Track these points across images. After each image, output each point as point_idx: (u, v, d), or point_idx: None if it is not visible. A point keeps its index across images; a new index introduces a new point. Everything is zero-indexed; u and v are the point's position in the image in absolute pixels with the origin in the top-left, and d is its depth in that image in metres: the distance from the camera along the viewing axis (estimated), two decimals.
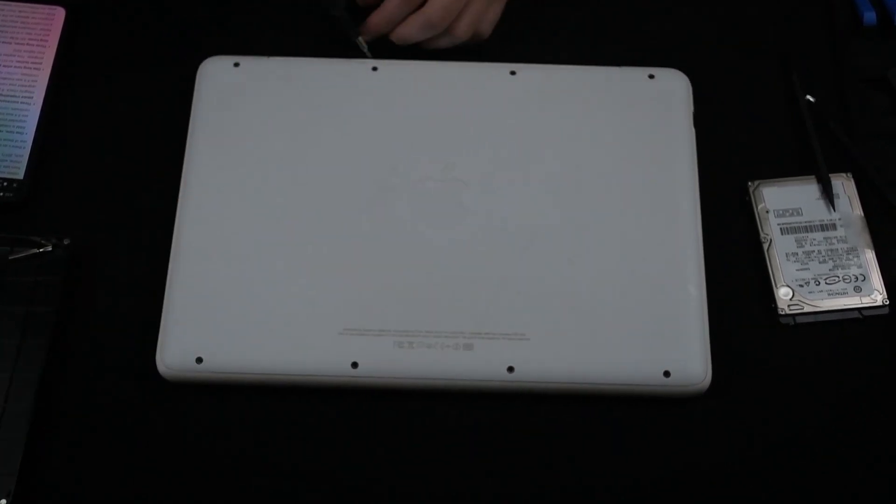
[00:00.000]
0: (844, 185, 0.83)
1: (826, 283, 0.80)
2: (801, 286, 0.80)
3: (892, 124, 0.86)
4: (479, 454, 0.76)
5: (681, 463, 0.76)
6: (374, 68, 0.85)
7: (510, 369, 0.76)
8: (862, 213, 0.82)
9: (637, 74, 0.85)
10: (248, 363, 0.76)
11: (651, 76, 0.85)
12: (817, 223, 0.82)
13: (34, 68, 0.87)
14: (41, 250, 0.80)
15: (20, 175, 0.83)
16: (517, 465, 0.76)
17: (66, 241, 0.80)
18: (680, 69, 0.85)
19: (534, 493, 0.75)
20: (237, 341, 0.77)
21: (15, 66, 0.87)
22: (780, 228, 0.82)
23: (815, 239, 0.82)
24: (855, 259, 0.81)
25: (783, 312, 0.80)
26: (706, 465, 0.76)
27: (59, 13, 0.89)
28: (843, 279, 0.80)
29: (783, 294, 0.80)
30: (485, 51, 0.87)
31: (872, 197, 0.83)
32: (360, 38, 0.85)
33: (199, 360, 0.76)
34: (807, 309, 0.80)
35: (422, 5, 0.84)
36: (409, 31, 0.84)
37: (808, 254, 0.81)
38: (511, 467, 0.76)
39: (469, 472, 0.76)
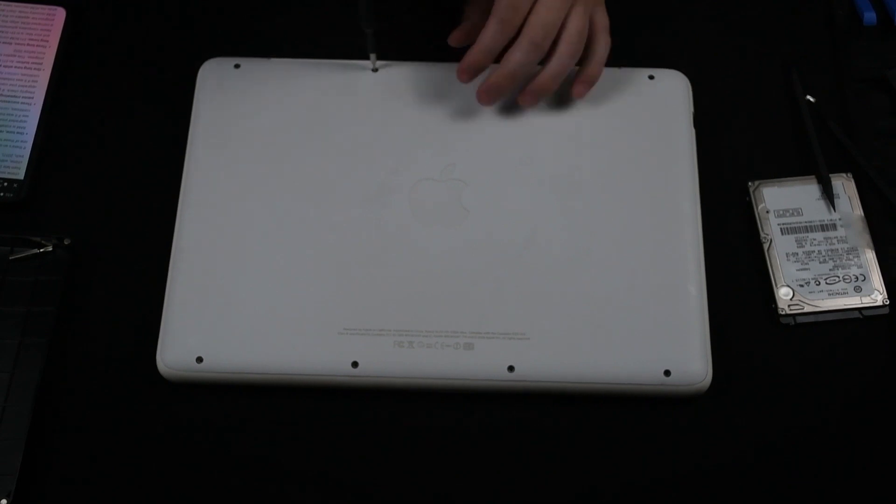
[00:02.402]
0: (844, 185, 0.83)
1: (826, 283, 0.80)
2: (802, 286, 0.80)
3: (892, 124, 0.86)
4: (479, 454, 0.76)
5: (681, 462, 0.76)
6: (375, 69, 0.85)
7: (510, 369, 0.76)
8: (862, 213, 0.82)
9: (637, 75, 0.85)
10: (248, 363, 0.76)
11: (651, 76, 0.85)
12: (817, 223, 0.82)
13: (34, 68, 0.87)
14: (41, 250, 0.80)
15: (20, 175, 0.83)
16: (517, 465, 0.76)
17: (66, 241, 0.81)
18: (680, 69, 0.85)
19: (534, 492, 0.75)
20: (237, 341, 0.77)
21: (15, 66, 0.87)
22: (781, 228, 0.82)
23: (815, 239, 0.82)
24: (855, 259, 0.81)
25: (783, 312, 0.80)
26: (706, 465, 0.76)
27: (59, 13, 0.89)
28: (844, 279, 0.80)
29: (783, 294, 0.80)
30: None
31: (872, 197, 0.83)
32: (374, 56, 0.85)
33: (199, 359, 0.76)
34: (807, 309, 0.80)
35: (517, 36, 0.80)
36: (515, 56, 0.80)
37: (808, 254, 0.81)
38: (511, 467, 0.76)
39: (469, 471, 0.76)
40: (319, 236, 0.80)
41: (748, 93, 0.87)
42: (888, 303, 0.80)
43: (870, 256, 0.81)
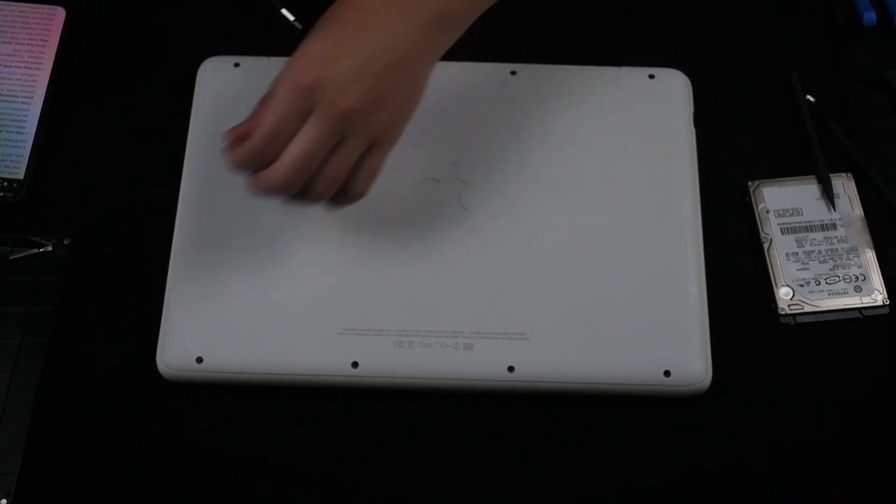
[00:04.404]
0: (844, 185, 0.83)
1: (826, 282, 0.80)
2: (802, 286, 0.80)
3: (892, 124, 0.86)
4: (479, 454, 0.76)
5: (681, 463, 0.76)
6: None
7: (510, 369, 0.76)
8: (862, 213, 0.82)
9: (637, 74, 0.85)
10: (248, 363, 0.76)
11: (651, 76, 0.85)
12: (817, 223, 0.82)
13: (34, 68, 0.87)
14: (41, 250, 0.80)
15: (20, 175, 0.83)
16: (517, 465, 0.76)
17: (66, 241, 0.81)
18: (680, 69, 0.85)
19: (534, 492, 0.75)
20: (237, 341, 0.77)
21: (15, 66, 0.87)
22: (781, 228, 0.82)
23: (815, 239, 0.82)
24: (855, 259, 0.81)
25: (783, 312, 0.80)
26: (706, 465, 0.76)
27: (59, 13, 0.89)
28: (844, 279, 0.80)
29: (783, 294, 0.80)
30: (485, 51, 0.87)
31: (872, 197, 0.83)
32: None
33: (199, 360, 0.76)
34: (807, 309, 0.80)
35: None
36: (263, 178, 0.70)
37: (808, 254, 0.81)
38: (511, 467, 0.76)
39: (469, 471, 0.76)
40: (319, 236, 0.80)
41: (748, 93, 0.87)
42: (888, 303, 0.80)
43: (870, 256, 0.81)
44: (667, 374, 0.76)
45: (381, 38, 0.69)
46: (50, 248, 0.80)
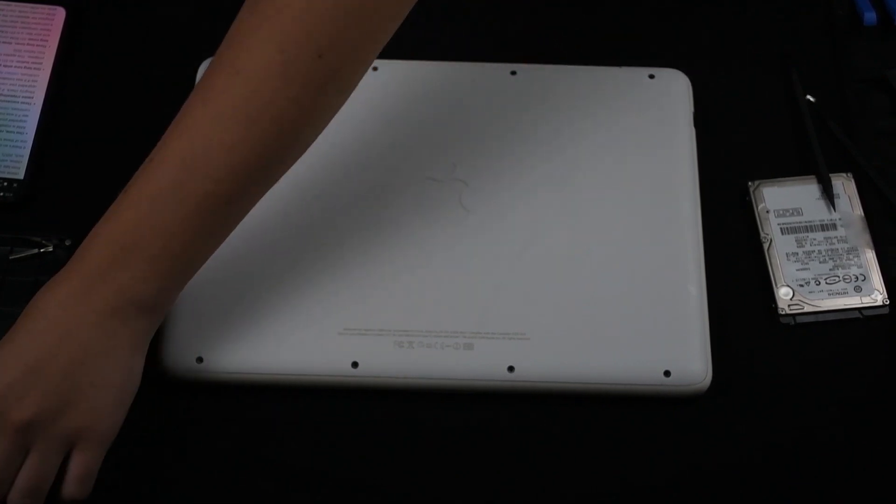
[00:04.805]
0: (844, 185, 0.83)
1: (826, 282, 0.80)
2: (802, 286, 0.80)
3: (892, 124, 0.86)
4: (479, 454, 0.76)
5: (681, 463, 0.76)
6: (375, 68, 0.85)
7: (510, 369, 0.76)
8: (862, 213, 0.82)
9: (637, 74, 0.85)
10: (248, 363, 0.76)
11: (651, 76, 0.85)
12: (817, 223, 0.82)
13: (34, 68, 0.87)
14: (41, 250, 0.80)
15: (20, 175, 0.83)
16: (517, 465, 0.76)
17: (66, 242, 0.81)
18: (680, 69, 0.85)
19: (534, 492, 0.75)
20: (237, 341, 0.77)
21: (15, 66, 0.87)
22: (781, 228, 0.82)
23: (815, 239, 0.82)
24: (855, 259, 0.81)
25: (783, 312, 0.80)
26: (706, 465, 0.76)
27: (59, 13, 0.89)
28: (844, 279, 0.80)
29: (783, 294, 0.80)
30: (485, 51, 0.87)
31: (872, 197, 0.83)
32: None
33: (200, 359, 0.76)
34: (807, 309, 0.80)
35: None
36: None
37: (808, 254, 0.81)
38: (511, 467, 0.76)
39: (469, 471, 0.76)
40: (319, 236, 0.80)
41: (748, 93, 0.87)
42: (888, 303, 0.80)
43: (870, 256, 0.81)
44: (667, 374, 0.76)
45: (60, 338, 0.67)
46: (50, 248, 0.80)
